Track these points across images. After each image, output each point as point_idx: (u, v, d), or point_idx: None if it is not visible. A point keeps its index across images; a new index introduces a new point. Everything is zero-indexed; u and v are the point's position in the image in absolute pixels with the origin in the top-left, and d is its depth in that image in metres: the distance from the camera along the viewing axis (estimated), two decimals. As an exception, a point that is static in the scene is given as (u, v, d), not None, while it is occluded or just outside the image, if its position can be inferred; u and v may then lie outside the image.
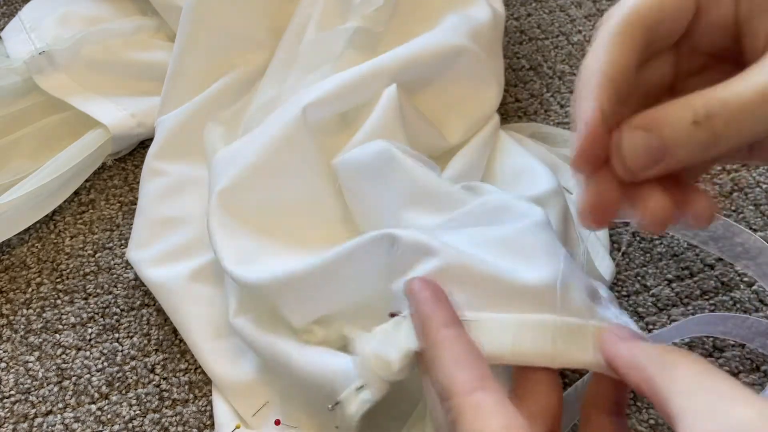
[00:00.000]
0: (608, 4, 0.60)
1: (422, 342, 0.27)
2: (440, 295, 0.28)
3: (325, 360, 0.33)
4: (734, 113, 0.25)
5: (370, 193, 0.38)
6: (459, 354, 0.26)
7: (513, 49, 0.57)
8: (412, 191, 0.36)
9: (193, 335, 0.40)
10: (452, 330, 0.27)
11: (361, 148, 0.39)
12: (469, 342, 0.27)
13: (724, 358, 0.40)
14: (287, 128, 0.40)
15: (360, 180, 0.38)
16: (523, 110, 0.53)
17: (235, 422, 0.37)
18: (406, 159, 0.36)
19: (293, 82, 0.45)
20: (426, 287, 0.28)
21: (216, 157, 0.42)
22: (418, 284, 0.28)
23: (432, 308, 0.27)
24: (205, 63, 0.50)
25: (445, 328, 0.27)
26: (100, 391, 0.40)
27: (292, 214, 0.40)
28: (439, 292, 0.28)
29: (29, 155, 0.50)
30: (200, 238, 0.44)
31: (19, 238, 0.48)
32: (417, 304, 0.28)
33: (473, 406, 0.24)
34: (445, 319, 0.27)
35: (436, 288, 0.28)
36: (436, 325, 0.27)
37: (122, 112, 0.51)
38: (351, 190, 0.39)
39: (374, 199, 0.38)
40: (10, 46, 0.54)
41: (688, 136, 0.25)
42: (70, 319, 0.44)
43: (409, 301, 0.28)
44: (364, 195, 0.38)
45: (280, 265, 0.36)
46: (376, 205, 0.38)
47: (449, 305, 0.28)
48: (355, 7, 0.46)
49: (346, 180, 0.39)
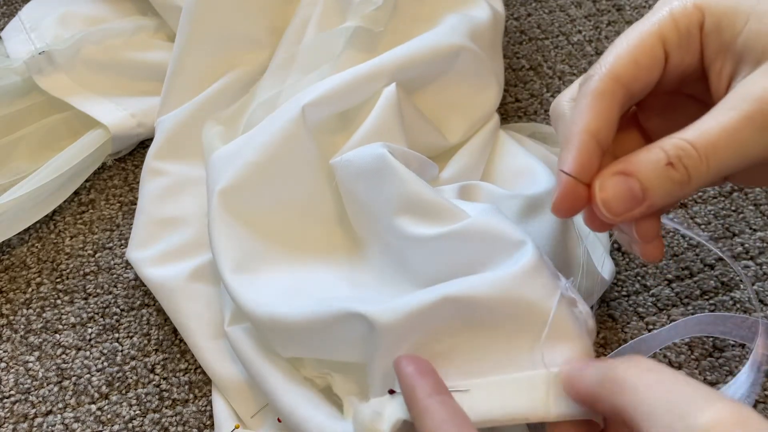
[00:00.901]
0: (608, 4, 0.60)
1: (411, 412, 0.29)
2: (424, 368, 0.29)
3: (308, 407, 0.34)
4: (704, 152, 0.27)
5: (365, 196, 0.38)
6: (442, 419, 0.27)
7: (513, 49, 0.57)
8: (404, 199, 0.35)
9: (193, 335, 0.40)
10: (436, 398, 0.28)
11: (358, 151, 0.39)
12: (452, 407, 0.28)
13: (724, 358, 0.40)
14: (287, 127, 0.40)
15: (355, 182, 0.38)
16: (523, 110, 0.53)
17: (234, 423, 0.37)
18: (399, 166, 0.36)
19: (293, 81, 0.45)
20: (410, 362, 0.30)
21: (214, 155, 0.42)
22: (404, 361, 0.30)
23: (417, 380, 0.29)
24: (205, 63, 0.50)
25: (429, 397, 0.28)
26: (100, 391, 0.40)
27: (292, 213, 0.40)
28: (423, 366, 0.30)
29: (29, 155, 0.50)
30: (200, 238, 0.44)
31: (19, 238, 0.48)
32: (403, 378, 0.29)
33: None
34: (429, 388, 0.28)
35: (420, 362, 0.30)
36: (421, 394, 0.28)
37: (122, 112, 0.51)
38: (346, 190, 0.39)
39: (368, 202, 0.38)
40: (10, 46, 0.54)
41: (664, 177, 0.28)
42: (70, 319, 0.44)
43: (397, 376, 0.30)
44: (358, 197, 0.38)
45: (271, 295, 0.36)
46: (370, 209, 0.38)
47: (433, 377, 0.29)
48: (355, 7, 0.46)
49: (343, 180, 0.39)
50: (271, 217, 0.40)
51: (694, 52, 0.30)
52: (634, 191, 0.28)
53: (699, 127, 0.28)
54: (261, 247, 0.39)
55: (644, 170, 0.28)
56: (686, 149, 0.27)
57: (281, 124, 0.40)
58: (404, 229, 0.35)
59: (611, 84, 0.30)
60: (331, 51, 0.45)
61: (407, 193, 0.35)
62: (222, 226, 0.39)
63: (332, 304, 0.33)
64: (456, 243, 0.33)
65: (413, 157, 0.39)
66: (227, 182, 0.39)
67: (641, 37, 0.30)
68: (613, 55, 0.30)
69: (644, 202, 0.28)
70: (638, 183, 0.28)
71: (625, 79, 0.30)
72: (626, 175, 0.28)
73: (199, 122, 0.48)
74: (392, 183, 0.36)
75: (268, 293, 0.36)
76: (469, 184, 0.41)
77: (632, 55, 0.30)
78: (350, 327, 0.33)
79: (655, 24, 0.30)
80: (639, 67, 0.30)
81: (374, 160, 0.37)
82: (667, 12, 0.30)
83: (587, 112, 0.30)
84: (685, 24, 0.30)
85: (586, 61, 0.56)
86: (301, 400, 0.34)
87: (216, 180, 0.40)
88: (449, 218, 0.34)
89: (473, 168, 0.44)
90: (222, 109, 0.48)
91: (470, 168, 0.44)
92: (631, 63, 0.30)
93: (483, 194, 0.41)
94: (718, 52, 0.30)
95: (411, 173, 0.36)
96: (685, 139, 0.27)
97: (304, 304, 0.35)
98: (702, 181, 0.28)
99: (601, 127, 0.29)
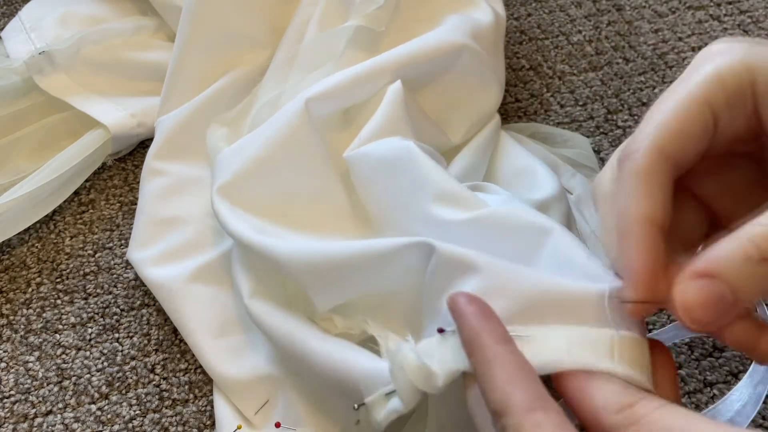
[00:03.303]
0: (608, 4, 0.60)
1: (472, 358, 0.26)
2: (487, 310, 0.27)
3: (347, 356, 0.33)
4: None
5: (390, 188, 0.38)
6: (513, 372, 0.24)
7: (513, 49, 0.57)
8: (433, 187, 0.35)
9: (193, 335, 0.40)
10: (504, 346, 0.25)
11: (377, 144, 0.38)
12: (522, 359, 0.25)
13: (724, 358, 0.40)
14: (290, 122, 0.40)
15: (377, 175, 0.38)
16: (523, 110, 0.53)
17: (237, 422, 0.37)
18: (424, 156, 0.36)
19: (295, 81, 0.45)
20: (472, 302, 0.27)
21: (220, 156, 0.41)
22: (464, 299, 0.27)
23: (481, 324, 0.26)
24: (205, 63, 0.50)
25: (497, 345, 0.25)
26: (100, 391, 0.40)
27: (297, 208, 0.40)
28: (485, 308, 0.27)
29: (29, 155, 0.50)
30: (200, 238, 0.44)
31: (19, 238, 0.48)
32: (464, 320, 0.26)
33: (533, 426, 0.23)
34: (496, 335, 0.26)
35: (482, 303, 0.27)
36: (487, 341, 0.25)
37: (122, 112, 0.51)
38: (366, 184, 0.39)
39: (394, 194, 0.37)
40: (10, 46, 0.54)
41: (757, 275, 0.24)
42: (70, 319, 0.44)
43: (454, 316, 0.27)
44: (381, 190, 0.38)
45: (308, 241, 0.35)
46: (398, 201, 0.37)
47: (498, 321, 0.26)
48: (356, 7, 0.46)
49: (361, 174, 0.39)
50: (277, 209, 0.40)
51: (746, 115, 0.27)
52: (723, 294, 0.24)
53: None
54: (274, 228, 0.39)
55: (732, 270, 0.24)
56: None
57: (285, 118, 0.40)
58: (434, 214, 0.35)
59: (658, 159, 0.26)
60: (333, 50, 0.45)
61: (434, 182, 0.35)
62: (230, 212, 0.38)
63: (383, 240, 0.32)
64: (485, 228, 0.33)
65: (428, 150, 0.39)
66: (231, 175, 0.39)
67: (685, 103, 0.27)
68: (654, 126, 0.27)
69: (735, 305, 0.24)
70: (725, 285, 0.24)
71: (672, 151, 0.26)
72: (710, 278, 0.24)
73: (200, 122, 0.48)
74: (418, 171, 0.36)
75: (304, 241, 0.35)
76: (475, 185, 0.41)
77: (678, 124, 0.26)
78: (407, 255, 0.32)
79: (700, 86, 0.27)
80: (686, 138, 0.26)
81: (397, 151, 0.37)
82: (712, 71, 0.27)
83: (639, 194, 0.26)
84: (734, 85, 0.26)
85: (586, 61, 0.56)
86: (341, 347, 0.33)
87: (219, 175, 0.40)
88: (474, 206, 0.34)
89: (476, 168, 0.44)
90: (222, 110, 0.48)
91: (473, 168, 0.44)
92: (677, 134, 0.26)
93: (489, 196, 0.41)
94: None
95: (435, 163, 0.36)
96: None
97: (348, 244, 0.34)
98: None
99: (658, 209, 0.26)
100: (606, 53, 0.57)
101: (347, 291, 0.35)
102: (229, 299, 0.42)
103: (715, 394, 0.38)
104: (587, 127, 0.52)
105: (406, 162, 0.36)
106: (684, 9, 0.60)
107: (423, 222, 0.35)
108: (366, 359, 0.32)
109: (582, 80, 0.55)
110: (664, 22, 0.59)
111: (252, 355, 0.40)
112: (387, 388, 0.29)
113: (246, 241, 0.37)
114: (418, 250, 0.32)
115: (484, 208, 0.33)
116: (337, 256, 0.34)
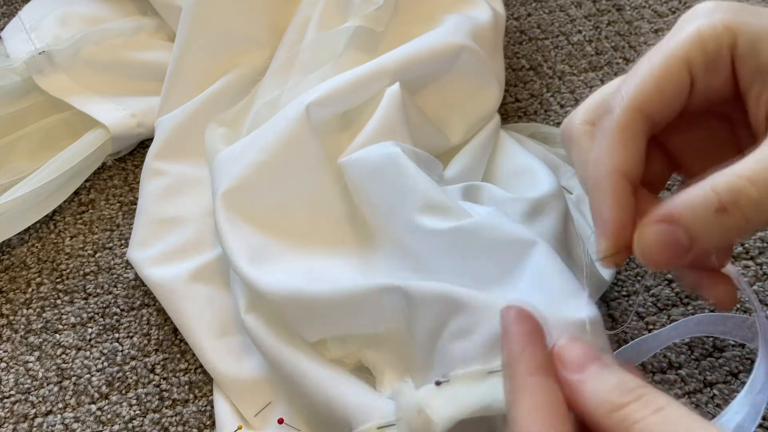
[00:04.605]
0: (608, 4, 0.60)
1: (506, 382, 0.26)
2: (535, 333, 0.26)
3: (341, 386, 0.33)
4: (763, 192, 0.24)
5: (376, 193, 0.38)
6: (536, 406, 0.24)
7: (513, 49, 0.57)
8: (416, 195, 0.35)
9: (194, 335, 0.40)
10: (536, 378, 0.25)
11: (369, 150, 0.38)
12: (552, 394, 0.24)
13: (724, 358, 0.40)
14: (291, 127, 0.40)
15: (366, 180, 0.38)
16: (523, 110, 0.53)
17: (237, 423, 0.37)
18: (410, 163, 0.36)
19: (295, 82, 0.45)
20: (520, 321, 0.26)
21: (218, 157, 0.41)
22: (513, 316, 0.26)
23: (521, 349, 0.25)
24: (205, 63, 0.50)
25: (529, 376, 0.25)
26: (100, 391, 0.40)
27: (298, 213, 0.40)
28: (534, 330, 0.26)
29: (29, 155, 0.51)
30: (200, 238, 0.44)
31: (19, 238, 0.48)
32: (506, 340, 0.26)
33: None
34: (532, 365, 0.25)
35: (529, 323, 0.26)
36: (521, 371, 0.25)
37: (122, 112, 0.51)
38: (359, 190, 0.39)
39: (379, 199, 0.38)
40: (10, 46, 0.54)
41: (715, 224, 0.24)
42: (70, 319, 0.44)
43: (502, 329, 0.26)
44: (369, 194, 0.38)
45: (293, 278, 0.35)
46: (382, 205, 0.38)
47: (542, 347, 0.26)
48: (356, 7, 0.46)
49: (354, 180, 0.39)
50: (279, 216, 0.40)
51: (723, 77, 0.28)
52: (680, 240, 0.25)
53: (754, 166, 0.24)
54: (271, 244, 0.39)
55: (691, 217, 0.25)
56: (743, 190, 0.24)
57: (285, 123, 0.40)
58: (418, 223, 0.35)
59: (635, 116, 0.27)
60: (333, 51, 0.45)
61: (419, 191, 0.35)
62: (230, 226, 0.38)
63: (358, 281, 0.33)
64: (467, 238, 0.33)
65: (420, 155, 0.39)
66: (232, 183, 0.39)
67: (665, 62, 0.27)
68: (634, 84, 0.28)
69: (691, 250, 0.25)
70: (684, 231, 0.25)
71: (649, 109, 0.28)
72: (670, 223, 0.25)
73: (200, 122, 0.48)
74: (404, 180, 0.36)
75: (288, 277, 0.36)
76: (472, 185, 0.41)
77: (656, 82, 0.27)
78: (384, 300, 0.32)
79: (680, 46, 0.27)
80: (663, 96, 0.27)
81: (385, 158, 0.37)
82: (693, 32, 0.27)
83: (614, 149, 0.27)
84: (713, 47, 0.27)
85: (586, 61, 0.56)
86: (335, 376, 0.33)
87: (220, 181, 0.40)
88: (458, 216, 0.34)
89: (475, 168, 0.44)
90: (222, 110, 0.48)
91: (472, 168, 0.44)
92: (655, 92, 0.27)
93: (486, 196, 0.41)
94: (756, 76, 0.27)
95: (421, 171, 0.36)
96: (741, 179, 0.24)
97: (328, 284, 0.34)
98: (762, 224, 0.24)
99: (630, 165, 0.27)
100: (606, 53, 0.57)
101: (334, 329, 0.35)
102: (230, 299, 0.42)
103: (715, 394, 0.38)
104: (587, 127, 0.52)
105: (393, 170, 0.37)
106: (684, 9, 0.60)
107: (409, 230, 0.36)
108: (359, 390, 0.32)
109: (582, 80, 0.55)
110: (664, 22, 0.59)
111: (253, 355, 0.40)
112: (380, 421, 0.30)
113: (235, 268, 0.37)
114: (396, 292, 0.32)
115: (467, 218, 0.33)
116: (319, 296, 0.34)
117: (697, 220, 0.25)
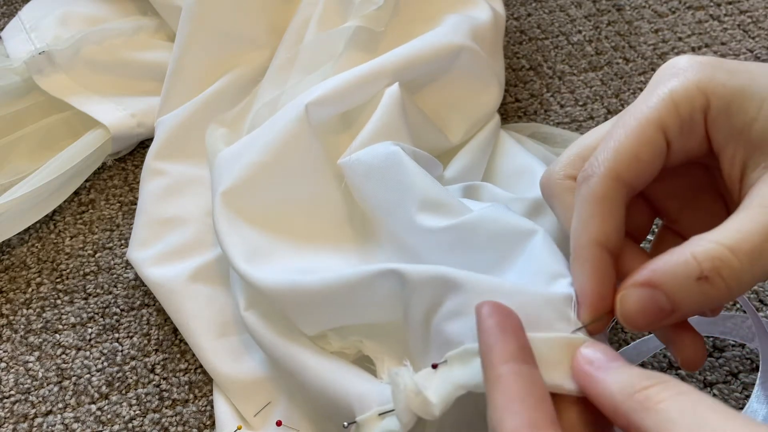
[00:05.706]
0: (608, 4, 0.60)
1: (484, 374, 0.26)
2: (508, 323, 0.26)
3: (342, 376, 0.33)
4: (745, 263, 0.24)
5: (375, 192, 0.38)
6: (511, 395, 0.24)
7: (513, 49, 0.57)
8: (416, 194, 0.35)
9: (194, 335, 0.40)
10: (510, 366, 0.24)
11: (369, 150, 0.39)
12: (528, 381, 0.24)
13: (724, 358, 0.40)
14: (290, 127, 0.40)
15: (365, 180, 0.38)
16: (523, 110, 0.53)
17: (237, 423, 0.37)
18: (411, 162, 0.36)
19: (295, 82, 0.45)
20: (493, 314, 0.26)
21: (219, 157, 0.42)
22: (486, 311, 0.26)
23: (495, 339, 0.25)
24: (205, 63, 0.50)
25: (504, 364, 0.25)
26: (100, 391, 0.40)
27: (298, 212, 0.40)
28: (507, 321, 0.26)
29: (29, 155, 0.51)
30: (200, 238, 0.44)
31: (19, 238, 0.48)
32: (480, 333, 0.26)
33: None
34: (506, 353, 0.25)
35: (502, 315, 0.26)
36: (496, 359, 0.25)
37: (122, 112, 0.51)
38: (359, 190, 0.39)
39: (379, 199, 0.38)
40: (10, 46, 0.54)
41: (696, 292, 0.24)
42: (70, 319, 0.44)
43: (477, 326, 0.26)
44: (372, 196, 0.38)
45: (289, 273, 0.35)
46: (381, 205, 0.38)
47: (516, 335, 0.25)
48: (356, 7, 0.46)
49: (354, 180, 0.39)
50: (278, 215, 0.40)
51: (699, 137, 0.28)
52: (661, 305, 0.25)
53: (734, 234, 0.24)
54: (270, 243, 0.39)
55: (671, 283, 0.25)
56: (725, 259, 0.24)
57: (285, 123, 0.40)
58: (418, 222, 0.35)
59: (613, 185, 0.27)
60: (332, 51, 0.45)
61: (419, 189, 0.35)
62: (228, 224, 0.38)
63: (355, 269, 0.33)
64: (469, 233, 0.33)
65: (420, 155, 0.39)
66: (232, 182, 0.39)
67: (640, 128, 0.27)
68: (611, 150, 0.28)
69: (674, 314, 0.25)
70: (665, 297, 0.25)
71: (627, 176, 0.27)
72: (652, 288, 0.25)
73: (200, 122, 0.48)
74: (404, 179, 0.36)
75: (284, 272, 0.36)
76: (472, 185, 0.41)
77: (632, 149, 0.27)
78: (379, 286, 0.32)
79: (654, 111, 0.28)
80: (640, 162, 0.27)
81: (385, 158, 0.37)
82: (666, 95, 0.28)
83: (592, 221, 0.27)
84: (687, 109, 0.27)
85: (586, 61, 0.56)
86: (335, 368, 0.34)
87: (220, 181, 0.40)
88: (459, 212, 0.34)
89: (475, 168, 0.44)
90: (222, 110, 0.48)
91: (472, 168, 0.44)
92: (632, 159, 0.27)
93: (486, 196, 0.41)
94: (729, 138, 0.27)
95: (422, 170, 0.36)
96: (723, 245, 0.24)
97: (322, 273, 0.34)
98: (742, 291, 0.24)
99: (609, 234, 0.27)
100: (606, 53, 0.57)
101: (332, 320, 0.35)
102: (230, 299, 0.42)
103: (715, 394, 0.38)
104: (587, 127, 0.52)
105: (393, 169, 0.37)
106: (684, 9, 0.60)
107: (408, 229, 0.35)
108: (360, 379, 0.32)
109: (582, 80, 0.55)
110: (664, 22, 0.59)
111: (252, 355, 0.40)
112: (381, 408, 0.30)
113: (234, 266, 0.37)
114: (392, 276, 0.32)
115: (467, 214, 0.33)
116: (315, 289, 0.34)
117: (678, 288, 0.25)
